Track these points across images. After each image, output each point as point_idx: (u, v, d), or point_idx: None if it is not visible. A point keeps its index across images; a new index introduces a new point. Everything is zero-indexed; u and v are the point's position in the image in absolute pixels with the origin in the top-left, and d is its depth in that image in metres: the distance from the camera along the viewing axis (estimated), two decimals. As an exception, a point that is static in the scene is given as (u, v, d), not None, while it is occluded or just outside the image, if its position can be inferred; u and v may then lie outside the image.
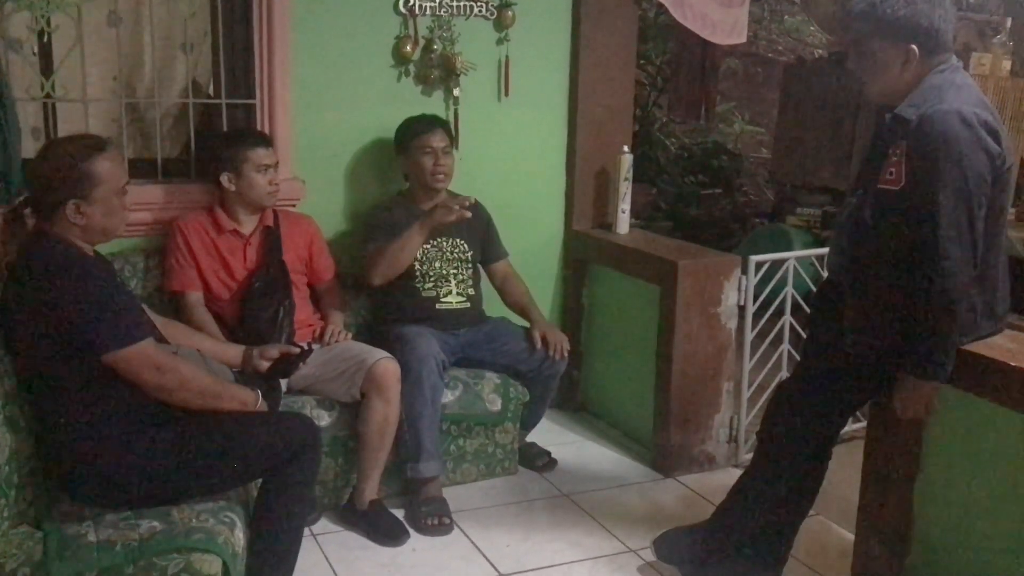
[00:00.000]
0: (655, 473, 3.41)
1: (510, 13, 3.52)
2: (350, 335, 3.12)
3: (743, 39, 4.02)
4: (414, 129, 3.25)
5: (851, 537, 2.72)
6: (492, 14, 3.52)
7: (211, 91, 3.34)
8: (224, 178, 2.97)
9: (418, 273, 3.24)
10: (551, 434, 3.63)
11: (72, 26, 3.00)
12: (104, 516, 2.13)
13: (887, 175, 2.21)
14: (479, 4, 3.49)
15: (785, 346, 3.49)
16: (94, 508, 2.16)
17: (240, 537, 2.16)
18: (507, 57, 3.57)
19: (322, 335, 3.06)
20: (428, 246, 3.25)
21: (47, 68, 3.04)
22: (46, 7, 2.96)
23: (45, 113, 3.11)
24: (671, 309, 3.29)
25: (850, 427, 3.52)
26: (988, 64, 6.11)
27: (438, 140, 3.23)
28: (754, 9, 8.66)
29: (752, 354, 3.45)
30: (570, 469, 3.41)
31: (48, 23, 2.98)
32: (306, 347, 2.70)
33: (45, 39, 3.02)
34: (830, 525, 3.01)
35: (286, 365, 2.65)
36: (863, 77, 2.29)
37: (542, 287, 3.80)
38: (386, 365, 2.87)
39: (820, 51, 7.82)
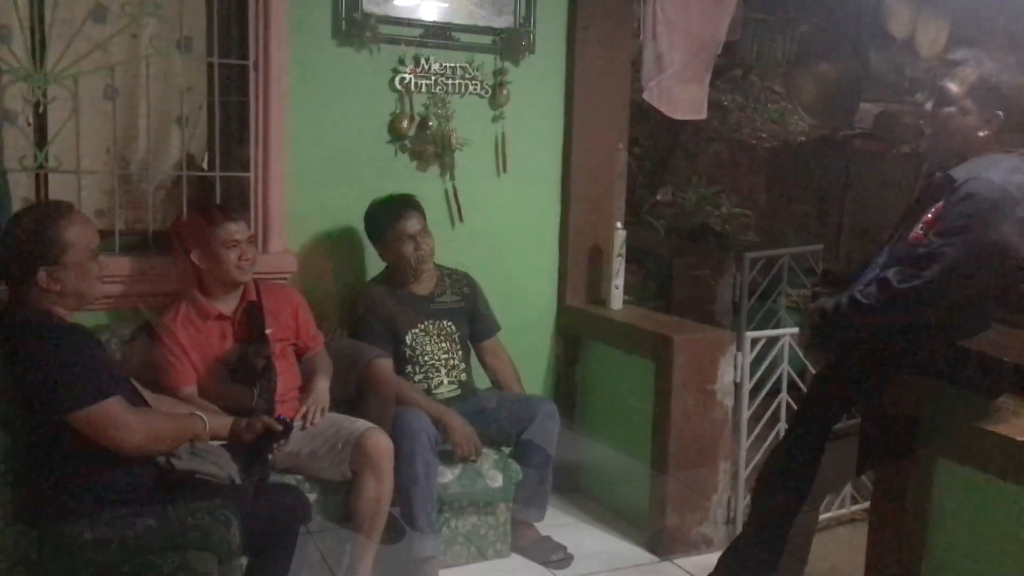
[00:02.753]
0: (651, 556, 3.32)
1: (505, 91, 3.57)
2: (327, 409, 3.00)
3: (703, 115, 4.13)
4: (388, 217, 3.20)
5: (858, 622, 2.64)
6: (487, 92, 3.57)
7: (205, 164, 3.34)
8: (194, 256, 2.92)
9: (409, 359, 3.19)
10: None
11: (68, 98, 3.01)
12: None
13: (917, 229, 2.21)
14: (474, 82, 3.54)
15: (782, 424, 3.44)
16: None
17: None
18: (503, 134, 3.61)
19: (304, 416, 2.96)
20: (416, 330, 3.21)
21: (41, 139, 3.04)
22: (43, 80, 2.98)
23: (36, 184, 3.09)
24: (667, 385, 3.25)
25: (852, 508, 3.47)
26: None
27: (415, 224, 3.19)
28: (737, 97, 8.87)
29: (748, 433, 3.40)
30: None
31: (44, 95, 2.99)
32: (287, 422, 2.63)
33: (41, 110, 3.02)
34: (834, 610, 2.92)
35: (268, 440, 2.58)
36: (936, 132, 2.30)
37: (535, 362, 3.76)
38: (377, 440, 2.79)
39: (803, 137, 7.98)
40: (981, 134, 2.23)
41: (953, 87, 2.27)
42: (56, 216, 2.19)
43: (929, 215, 2.20)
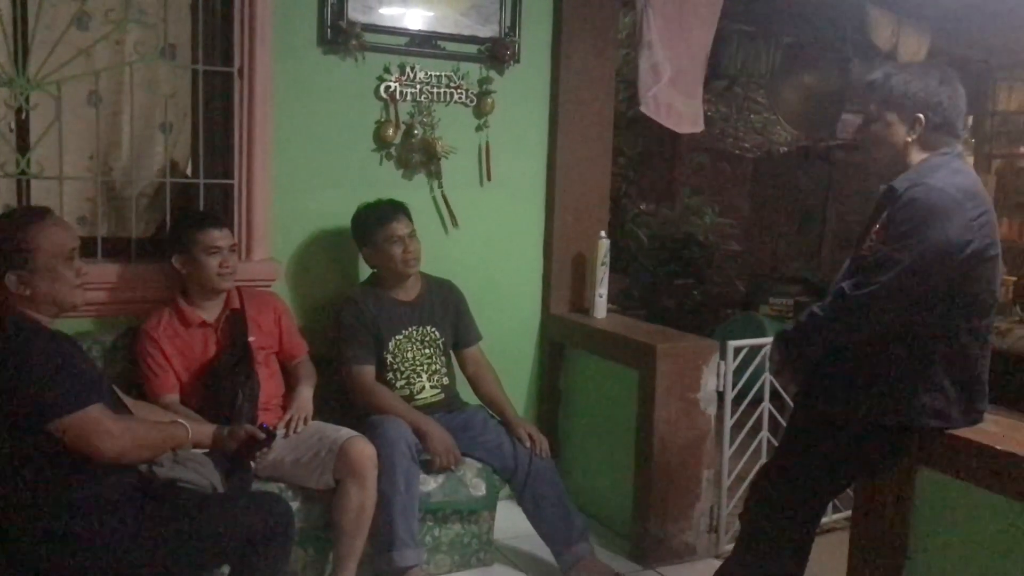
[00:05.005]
0: (634, 564, 3.32)
1: (490, 100, 3.58)
2: (310, 417, 3.00)
3: (701, 127, 4.16)
4: (376, 220, 3.20)
5: (839, 630, 2.65)
6: (472, 101, 3.57)
7: (189, 171, 3.33)
8: (175, 261, 2.92)
9: (389, 366, 3.18)
10: (527, 524, 3.51)
11: (51, 104, 3.00)
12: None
13: (868, 242, 2.26)
14: (459, 91, 3.54)
15: (764, 433, 3.45)
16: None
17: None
18: (488, 143, 3.61)
19: (288, 424, 2.95)
20: (400, 336, 3.20)
21: (23, 145, 3.02)
22: (26, 85, 2.96)
23: (19, 190, 3.07)
24: (650, 394, 3.26)
25: (833, 516, 3.48)
26: (952, 159, 6.27)
27: (403, 227, 3.19)
28: (721, 107, 8.93)
29: (731, 442, 3.41)
30: (547, 560, 3.30)
31: (27, 100, 2.98)
32: (270, 430, 2.63)
33: (23, 116, 3.01)
34: (816, 618, 2.92)
35: (250, 448, 2.58)
36: (870, 148, 2.37)
37: (519, 371, 3.76)
38: (361, 448, 2.79)
39: (785, 148, 8.02)
40: (909, 139, 2.29)
41: (872, 104, 2.34)
42: (27, 220, 2.17)
43: (877, 226, 2.25)
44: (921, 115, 2.26)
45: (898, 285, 2.13)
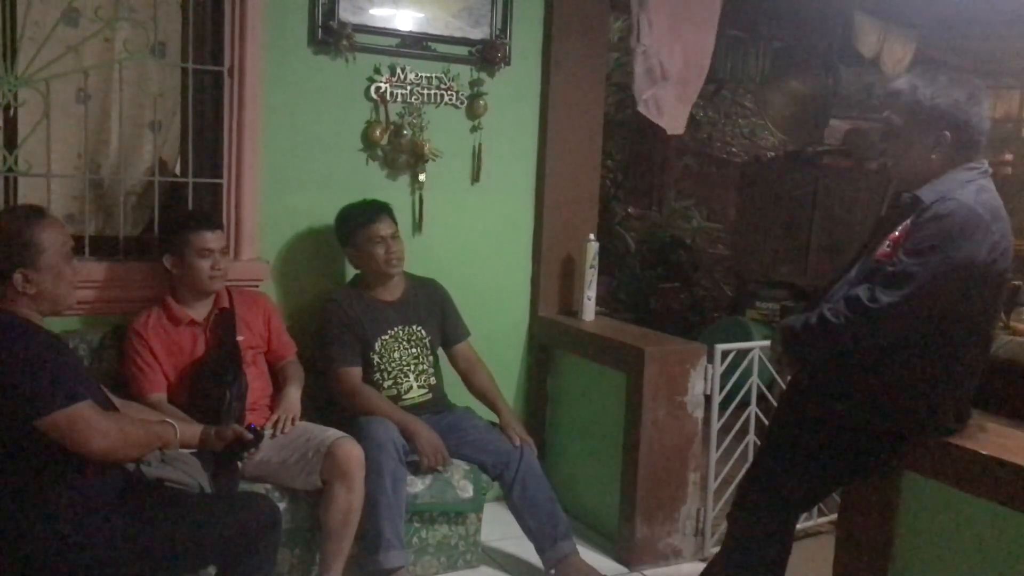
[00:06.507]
0: (620, 566, 3.33)
1: (481, 102, 3.58)
2: (297, 417, 2.99)
3: (681, 131, 4.18)
4: (359, 220, 3.20)
5: (824, 633, 2.66)
6: (462, 103, 3.58)
7: (177, 170, 3.32)
8: (166, 260, 2.91)
9: (376, 367, 3.18)
10: (513, 526, 3.51)
11: (39, 101, 2.98)
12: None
13: (884, 247, 2.22)
14: (449, 93, 3.54)
15: (751, 437, 3.47)
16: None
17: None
18: (479, 144, 3.62)
19: (275, 424, 2.94)
20: (386, 337, 3.20)
21: (11, 142, 3.01)
22: (14, 82, 2.95)
23: (6, 188, 3.05)
24: (637, 397, 3.27)
25: (818, 520, 3.50)
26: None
27: (386, 227, 3.19)
28: (710, 111, 8.98)
29: (717, 445, 3.43)
30: (533, 563, 3.30)
31: (15, 98, 2.96)
32: (258, 431, 2.62)
33: (11, 113, 2.99)
34: (801, 621, 2.94)
35: (238, 448, 2.57)
36: (891, 156, 2.32)
37: (507, 373, 3.76)
38: (349, 449, 2.78)
39: (772, 152, 8.06)
40: (933, 156, 2.24)
41: (895, 115, 2.28)
42: (33, 219, 2.17)
43: (896, 233, 2.22)
44: (948, 133, 2.20)
45: (916, 301, 2.10)
